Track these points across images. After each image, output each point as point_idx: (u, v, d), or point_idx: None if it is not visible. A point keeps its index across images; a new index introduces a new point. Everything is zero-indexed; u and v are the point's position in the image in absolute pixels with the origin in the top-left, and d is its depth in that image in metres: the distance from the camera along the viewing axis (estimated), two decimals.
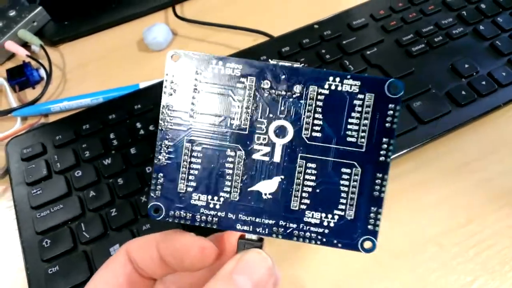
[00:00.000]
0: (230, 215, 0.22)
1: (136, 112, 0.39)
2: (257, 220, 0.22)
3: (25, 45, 0.50)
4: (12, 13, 0.50)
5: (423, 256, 0.32)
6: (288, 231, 0.22)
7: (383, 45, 0.41)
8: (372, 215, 0.21)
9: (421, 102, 0.37)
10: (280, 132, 0.22)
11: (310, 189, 0.22)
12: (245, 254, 0.21)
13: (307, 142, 0.22)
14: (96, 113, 0.39)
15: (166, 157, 0.22)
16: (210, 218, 0.22)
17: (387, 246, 0.32)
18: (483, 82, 0.38)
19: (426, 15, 0.44)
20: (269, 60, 0.22)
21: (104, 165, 0.35)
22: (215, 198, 0.22)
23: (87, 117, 0.39)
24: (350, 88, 0.21)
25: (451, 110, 0.37)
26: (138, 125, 0.37)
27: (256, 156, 0.22)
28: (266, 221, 0.22)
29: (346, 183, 0.21)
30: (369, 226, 0.21)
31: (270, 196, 0.22)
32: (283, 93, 0.22)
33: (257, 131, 0.22)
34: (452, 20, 0.43)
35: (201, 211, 0.22)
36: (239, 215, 0.22)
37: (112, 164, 0.35)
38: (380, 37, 0.42)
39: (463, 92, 0.38)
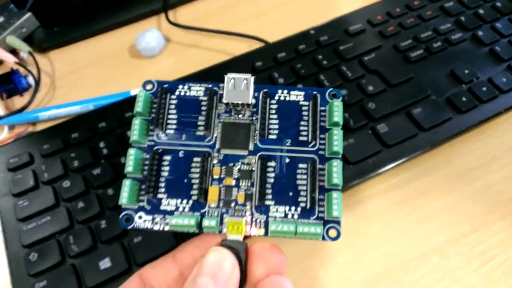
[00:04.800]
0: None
1: (127, 120, 0.37)
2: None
3: (14, 52, 0.49)
4: (0, 19, 0.49)
5: (427, 267, 0.31)
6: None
7: (381, 51, 0.41)
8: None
9: (421, 109, 0.36)
10: None
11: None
12: (205, 257, 0.22)
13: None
14: (86, 121, 0.38)
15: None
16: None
17: (388, 255, 0.31)
18: (484, 88, 0.37)
19: (424, 20, 0.43)
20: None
21: (93, 175, 0.34)
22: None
23: (76, 126, 0.38)
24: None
25: (452, 117, 0.36)
26: (129, 133, 0.36)
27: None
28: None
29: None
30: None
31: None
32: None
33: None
34: (450, 26, 0.42)
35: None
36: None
37: (101, 174, 0.34)
38: (377, 42, 0.41)
39: (464, 98, 0.37)
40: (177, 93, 0.27)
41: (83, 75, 0.47)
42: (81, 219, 0.32)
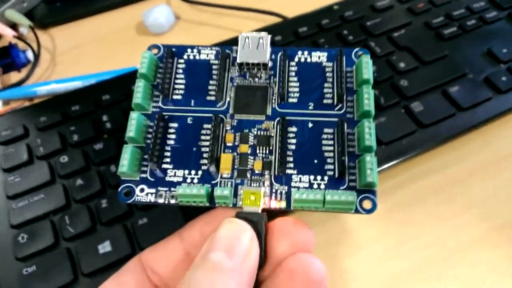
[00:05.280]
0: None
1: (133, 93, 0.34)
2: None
3: (13, 27, 0.45)
4: None
5: (473, 258, 0.27)
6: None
7: (411, 28, 0.37)
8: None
9: (458, 87, 0.33)
10: None
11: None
12: (217, 229, 0.19)
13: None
14: (88, 94, 0.34)
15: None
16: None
17: (428, 246, 0.28)
18: None
19: None
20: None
21: (94, 150, 0.30)
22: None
23: (77, 98, 0.34)
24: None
25: (492, 97, 0.32)
26: None
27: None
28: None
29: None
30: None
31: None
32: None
33: None
34: (484, 4, 0.39)
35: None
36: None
37: (104, 149, 0.30)
38: (407, 19, 0.38)
39: (504, 78, 0.33)
40: (185, 57, 0.25)
41: (86, 51, 0.43)
42: (79, 198, 0.29)
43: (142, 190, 0.21)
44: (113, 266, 0.26)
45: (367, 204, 0.20)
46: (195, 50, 0.25)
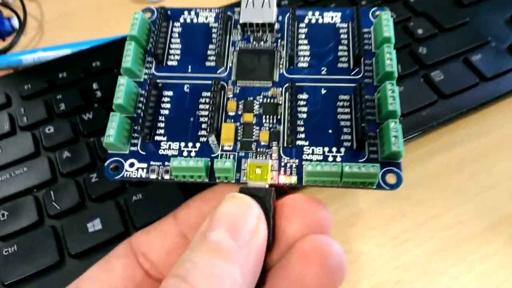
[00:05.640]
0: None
1: None
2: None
3: None
4: None
5: (498, 240, 0.25)
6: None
7: None
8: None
9: (481, 56, 0.30)
10: None
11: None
12: (219, 206, 0.16)
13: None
14: (77, 61, 0.32)
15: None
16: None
17: (450, 227, 0.25)
18: None
19: None
20: None
21: (83, 120, 0.28)
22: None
23: (65, 65, 0.31)
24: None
25: None
26: None
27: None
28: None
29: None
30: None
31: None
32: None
33: None
34: None
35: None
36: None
37: (93, 119, 0.28)
38: None
39: None
40: (181, 20, 0.23)
41: (76, 19, 0.40)
42: (67, 172, 0.26)
43: (132, 165, 0.19)
44: (104, 246, 0.24)
45: (391, 179, 0.18)
46: (192, 13, 0.23)
